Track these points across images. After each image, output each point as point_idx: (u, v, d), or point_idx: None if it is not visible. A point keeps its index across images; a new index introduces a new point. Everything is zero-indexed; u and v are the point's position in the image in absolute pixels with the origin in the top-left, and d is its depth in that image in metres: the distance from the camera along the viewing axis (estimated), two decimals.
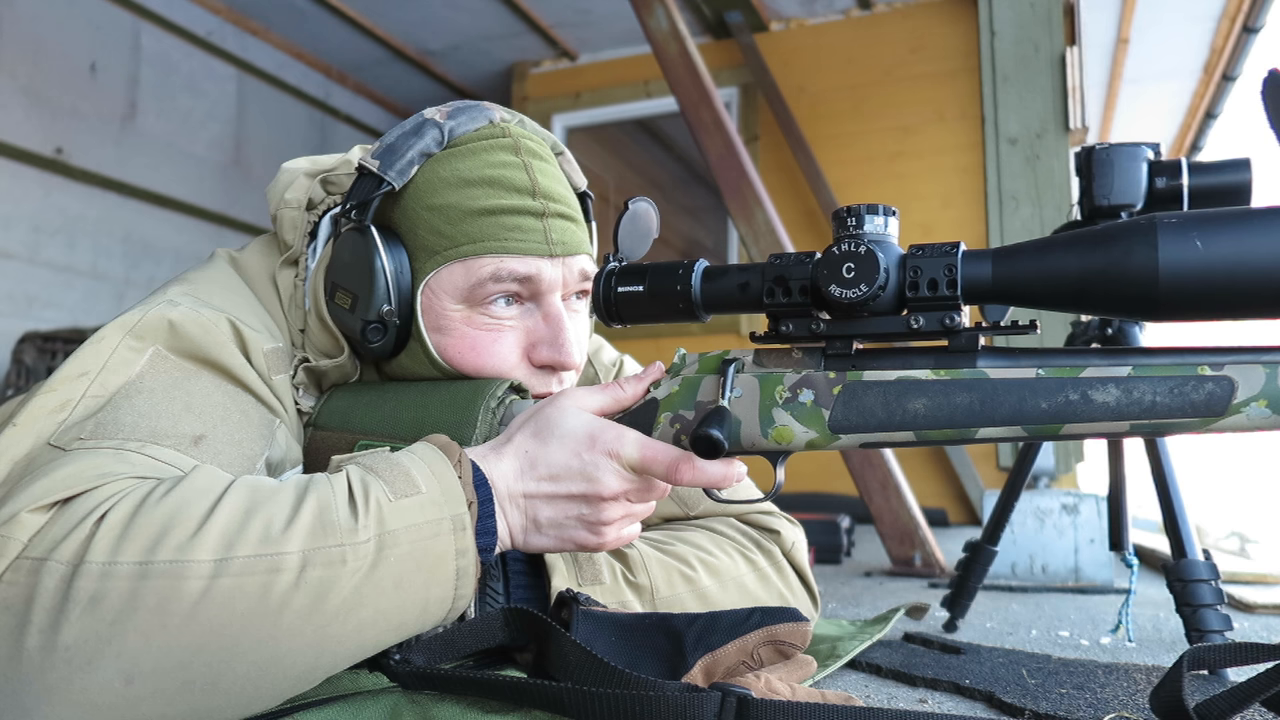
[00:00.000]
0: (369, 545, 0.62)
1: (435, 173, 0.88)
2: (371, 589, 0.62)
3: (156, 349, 0.78)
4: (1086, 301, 0.63)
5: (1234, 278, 0.58)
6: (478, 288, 0.87)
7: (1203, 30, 4.39)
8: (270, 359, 0.85)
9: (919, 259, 0.68)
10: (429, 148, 0.89)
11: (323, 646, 0.61)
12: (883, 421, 0.69)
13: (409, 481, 0.66)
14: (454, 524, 0.66)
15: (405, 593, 0.64)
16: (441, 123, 0.89)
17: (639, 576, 0.90)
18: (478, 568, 0.68)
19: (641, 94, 4.70)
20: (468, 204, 0.87)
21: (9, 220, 3.59)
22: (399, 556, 0.63)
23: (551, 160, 0.94)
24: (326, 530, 0.61)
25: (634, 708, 0.61)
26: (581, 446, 0.73)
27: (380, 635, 0.64)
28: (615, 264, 0.80)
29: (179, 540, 0.58)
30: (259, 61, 4.71)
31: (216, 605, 0.57)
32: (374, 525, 0.63)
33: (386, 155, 0.87)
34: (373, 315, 0.86)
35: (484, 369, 0.89)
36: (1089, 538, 1.92)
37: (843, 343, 0.72)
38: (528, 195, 0.88)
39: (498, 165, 0.88)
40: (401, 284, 0.88)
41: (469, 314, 0.88)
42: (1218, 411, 0.61)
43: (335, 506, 0.63)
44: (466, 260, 0.87)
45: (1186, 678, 0.67)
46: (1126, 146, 1.12)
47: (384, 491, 0.65)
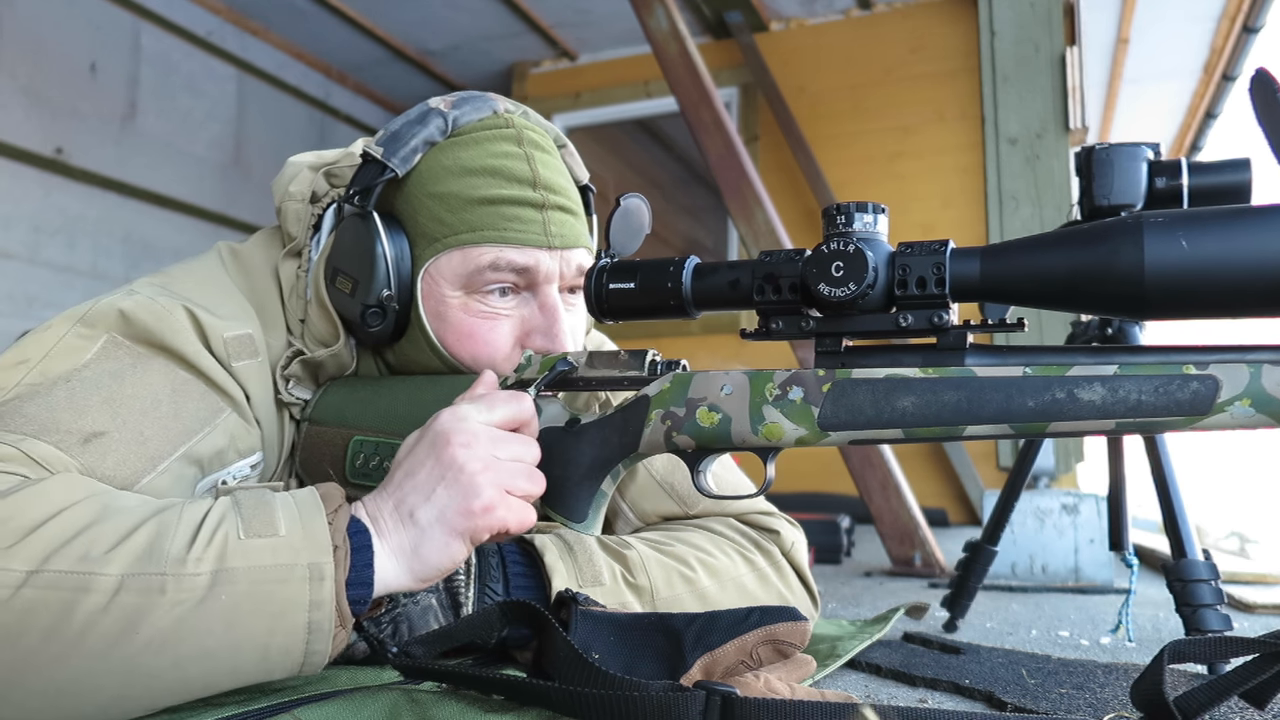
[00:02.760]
0: (198, 580, 0.59)
1: (438, 161, 0.90)
2: (196, 625, 0.59)
3: (110, 336, 0.79)
4: (1074, 300, 0.64)
5: (1220, 276, 0.58)
6: (475, 275, 0.88)
7: (1203, 30, 4.39)
8: (233, 345, 0.85)
9: (908, 257, 0.69)
10: (433, 136, 0.90)
11: (131, 677, 0.58)
12: (871, 419, 0.70)
13: (268, 522, 0.63)
14: (310, 572, 0.62)
15: (238, 635, 0.60)
16: (446, 112, 0.91)
17: (638, 577, 0.90)
18: (343, 618, 0.64)
19: (641, 94, 4.70)
20: (469, 192, 0.88)
21: (9, 220, 3.59)
22: (234, 596, 0.60)
23: (554, 152, 0.95)
24: (152, 558, 0.59)
25: (620, 707, 0.62)
26: (428, 433, 0.73)
27: (209, 677, 0.61)
28: (607, 260, 0.81)
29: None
30: (259, 61, 4.71)
31: (14, 615, 0.56)
32: (211, 560, 0.60)
33: (390, 142, 0.89)
34: (373, 300, 0.87)
35: (479, 356, 0.90)
36: (1089, 538, 1.92)
37: (832, 340, 0.73)
38: (528, 186, 0.89)
39: (500, 155, 0.89)
40: (402, 270, 0.89)
41: (466, 301, 0.89)
42: (1202, 410, 0.62)
43: (173, 536, 0.60)
44: (465, 248, 0.88)
45: (1167, 671, 0.67)
46: (1126, 146, 1.12)
47: (237, 527, 0.62)
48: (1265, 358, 0.61)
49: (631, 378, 0.83)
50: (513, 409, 0.76)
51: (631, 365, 0.83)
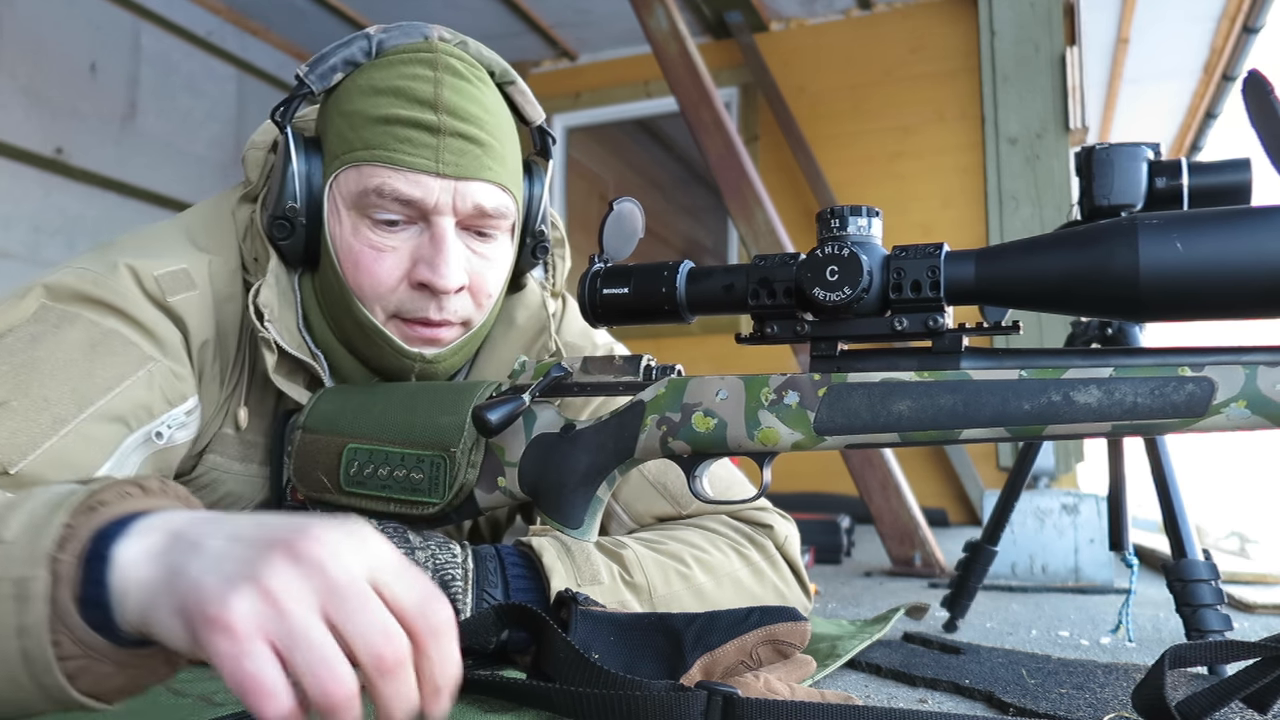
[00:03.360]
0: None
1: (354, 81, 0.92)
2: None
3: (41, 302, 0.81)
4: (1069, 302, 0.64)
5: (1214, 278, 0.58)
6: (363, 198, 0.89)
7: (1203, 30, 4.39)
8: (165, 281, 0.87)
9: (902, 260, 0.69)
10: (354, 56, 0.92)
11: None
12: (867, 423, 0.69)
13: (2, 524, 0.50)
14: (15, 589, 0.47)
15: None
16: (374, 35, 0.92)
17: (635, 575, 0.90)
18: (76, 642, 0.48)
19: (641, 94, 4.70)
20: (369, 110, 0.89)
21: (9, 220, 3.59)
22: None
23: (476, 81, 0.93)
24: None
25: (621, 707, 0.62)
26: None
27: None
28: (600, 265, 0.81)
29: None
30: (259, 61, 4.71)
31: None
32: None
33: (315, 63, 0.92)
34: (279, 211, 0.90)
35: (363, 286, 0.91)
36: (1089, 538, 1.92)
37: (827, 344, 0.73)
38: (429, 109, 0.89)
39: (408, 77, 0.90)
40: (314, 186, 0.91)
41: (357, 225, 0.90)
42: (1198, 412, 0.62)
43: None
44: (360, 166, 0.89)
45: (1168, 675, 0.67)
46: (1126, 146, 1.12)
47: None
48: (1261, 359, 0.61)
49: (626, 383, 0.83)
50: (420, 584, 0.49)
51: (626, 370, 0.83)
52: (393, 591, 0.46)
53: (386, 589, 0.46)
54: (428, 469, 0.86)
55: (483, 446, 0.87)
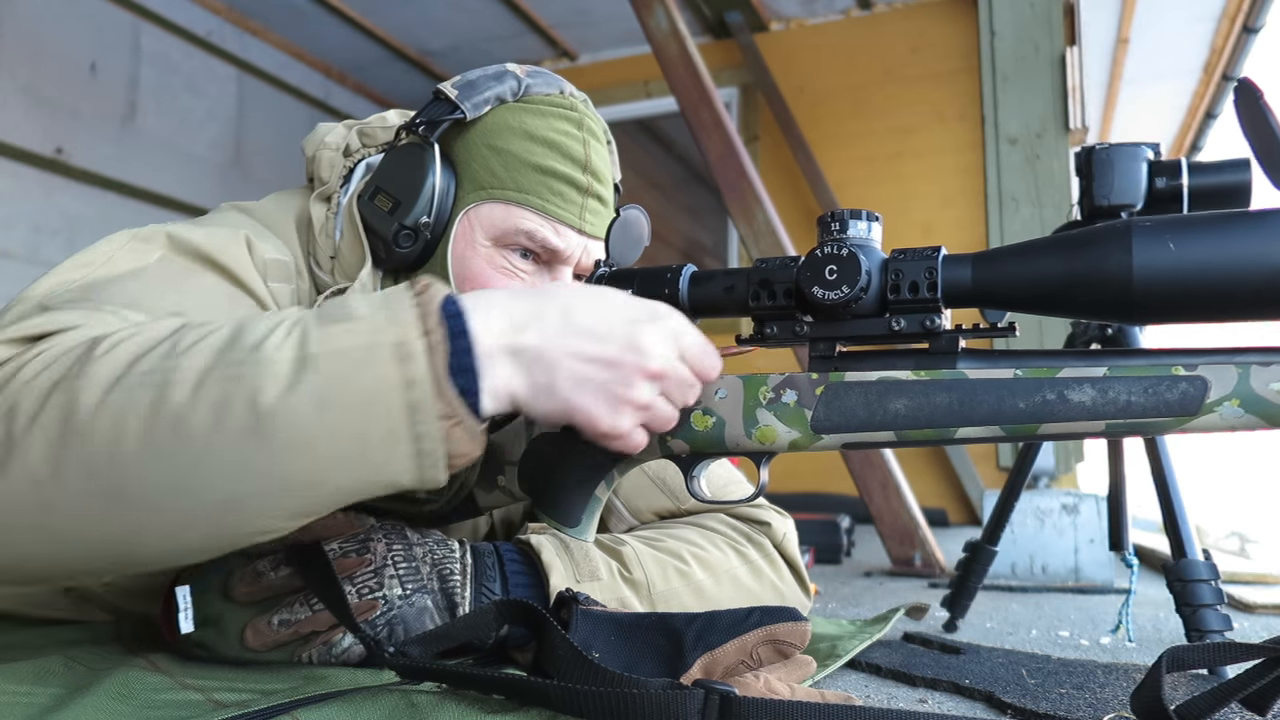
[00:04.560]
0: (278, 367, 0.57)
1: (504, 119, 0.95)
2: (285, 414, 0.56)
3: (164, 253, 0.82)
4: (1065, 304, 0.65)
5: (1207, 280, 0.59)
6: (510, 233, 0.94)
7: (1203, 30, 4.39)
8: (271, 267, 0.89)
9: (900, 262, 0.70)
10: (505, 95, 0.96)
11: (236, 472, 0.57)
12: (864, 421, 0.70)
13: (344, 309, 0.60)
14: (396, 351, 0.58)
15: (333, 422, 0.57)
16: (521, 77, 0.97)
17: (634, 572, 0.91)
18: (452, 406, 0.59)
19: (641, 94, 4.70)
20: (526, 156, 0.94)
21: (9, 220, 3.59)
22: (317, 383, 0.57)
23: (606, 145, 1.00)
24: (232, 348, 0.58)
25: (619, 705, 0.62)
26: (639, 315, 0.68)
27: (314, 470, 0.58)
28: (605, 269, 0.82)
29: (89, 358, 0.59)
30: (259, 61, 4.70)
31: (108, 419, 0.57)
32: (291, 348, 0.58)
33: (466, 89, 0.95)
34: (410, 222, 0.92)
35: None
36: (1089, 538, 1.92)
37: (826, 345, 0.73)
38: (579, 168, 0.95)
39: (561, 132, 0.95)
40: (443, 204, 0.94)
41: (492, 253, 0.95)
42: (1192, 411, 0.62)
43: (251, 330, 0.59)
44: (509, 205, 0.94)
45: (1165, 678, 0.67)
46: (1126, 146, 1.12)
47: (315, 318, 0.60)
48: (1254, 359, 0.61)
49: None
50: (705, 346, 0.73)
51: None
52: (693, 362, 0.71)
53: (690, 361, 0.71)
54: None
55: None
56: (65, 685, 0.72)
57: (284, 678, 0.75)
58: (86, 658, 0.82)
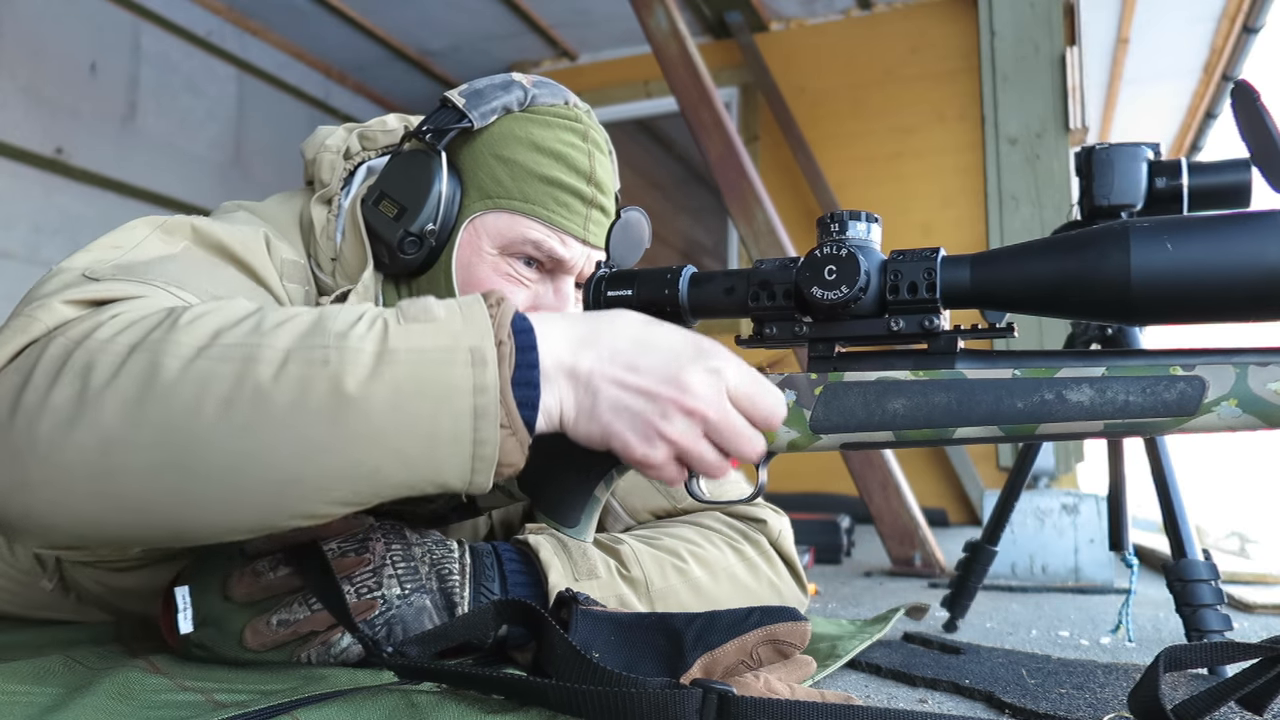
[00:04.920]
0: (361, 355, 0.59)
1: (511, 129, 0.96)
2: (362, 401, 0.58)
3: (188, 244, 0.82)
4: (1063, 305, 0.65)
5: (1205, 282, 0.59)
6: (516, 242, 0.95)
7: (1203, 30, 4.39)
8: (287, 267, 0.90)
9: (899, 263, 0.70)
10: (511, 105, 0.97)
11: (305, 452, 0.58)
12: (863, 421, 0.70)
13: (425, 310, 0.62)
14: (472, 355, 0.60)
15: (404, 416, 0.59)
16: (527, 88, 0.98)
17: (632, 570, 0.91)
18: (510, 417, 0.61)
19: (641, 94, 4.70)
20: (533, 167, 0.95)
21: (9, 220, 3.59)
22: (396, 377, 0.59)
23: (609, 156, 1.01)
24: (316, 333, 0.59)
25: (617, 704, 0.62)
26: (685, 351, 0.68)
27: (378, 459, 0.59)
28: (605, 270, 0.82)
29: (171, 326, 0.60)
30: (259, 61, 4.70)
31: (190, 386, 0.57)
32: (374, 340, 0.59)
33: (474, 98, 0.96)
34: (415, 228, 0.93)
35: None
36: (1089, 538, 1.92)
37: (825, 345, 0.74)
38: (584, 180, 0.96)
39: (567, 144, 0.96)
40: (448, 212, 0.95)
41: (498, 261, 0.96)
42: (1189, 410, 0.62)
43: (336, 318, 0.61)
44: (515, 215, 0.95)
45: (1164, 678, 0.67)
46: (1126, 146, 1.12)
47: (396, 315, 0.62)
48: (1251, 359, 0.62)
49: None
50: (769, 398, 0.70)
51: None
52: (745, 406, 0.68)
53: (742, 403, 0.68)
54: None
55: None
56: (65, 685, 0.72)
57: (283, 678, 0.75)
58: (86, 658, 0.82)
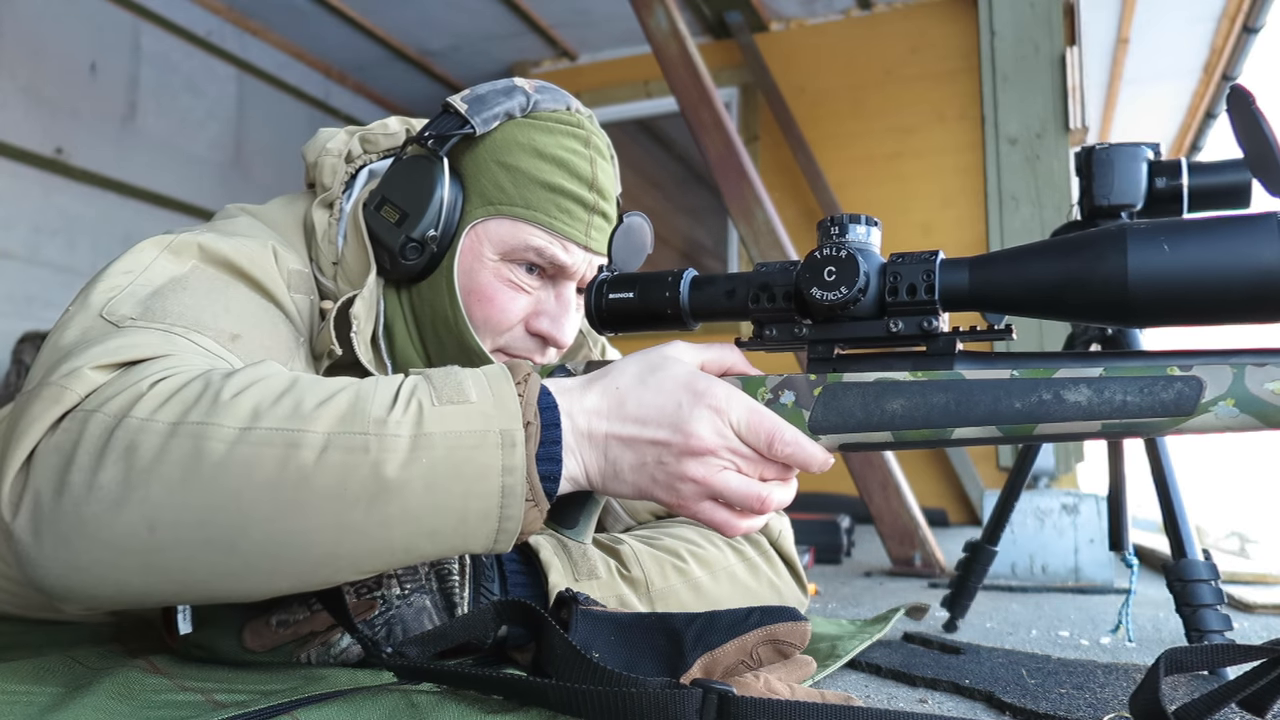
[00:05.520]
0: (399, 441, 0.61)
1: (513, 135, 0.95)
2: (400, 485, 0.60)
3: (195, 263, 0.82)
4: (1061, 307, 0.65)
5: (1202, 284, 0.59)
6: (519, 249, 0.94)
7: (1203, 30, 4.39)
8: (294, 278, 0.90)
9: (899, 265, 0.70)
10: (514, 110, 0.96)
11: (343, 533, 0.60)
12: (861, 422, 0.70)
13: (459, 390, 0.64)
14: (502, 439, 0.63)
15: (438, 498, 0.61)
16: (530, 93, 0.97)
17: (633, 570, 0.91)
18: (534, 491, 0.64)
19: (641, 94, 4.70)
20: (535, 173, 0.94)
21: (9, 220, 3.59)
22: (432, 460, 0.61)
23: (610, 161, 1.00)
24: (355, 418, 0.61)
25: (617, 704, 0.62)
26: (682, 394, 0.69)
27: (410, 538, 0.62)
28: (607, 273, 0.82)
29: (212, 404, 0.60)
30: (259, 61, 4.71)
31: (235, 470, 0.59)
32: (409, 425, 0.61)
33: (476, 104, 0.95)
34: (417, 234, 0.92)
35: (490, 318, 0.95)
36: (1089, 538, 1.92)
37: (824, 347, 0.74)
38: (586, 186, 0.95)
39: (569, 150, 0.95)
40: (450, 218, 0.94)
41: (500, 267, 0.95)
42: (1187, 410, 0.62)
43: (373, 400, 0.62)
44: (517, 221, 0.94)
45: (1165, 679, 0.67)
46: (1126, 146, 1.12)
47: (430, 396, 0.63)
48: (1248, 360, 0.62)
49: None
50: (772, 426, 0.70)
51: None
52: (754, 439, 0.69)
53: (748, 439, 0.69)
54: None
55: None
56: (65, 685, 0.72)
57: (283, 678, 0.75)
58: (86, 658, 0.82)
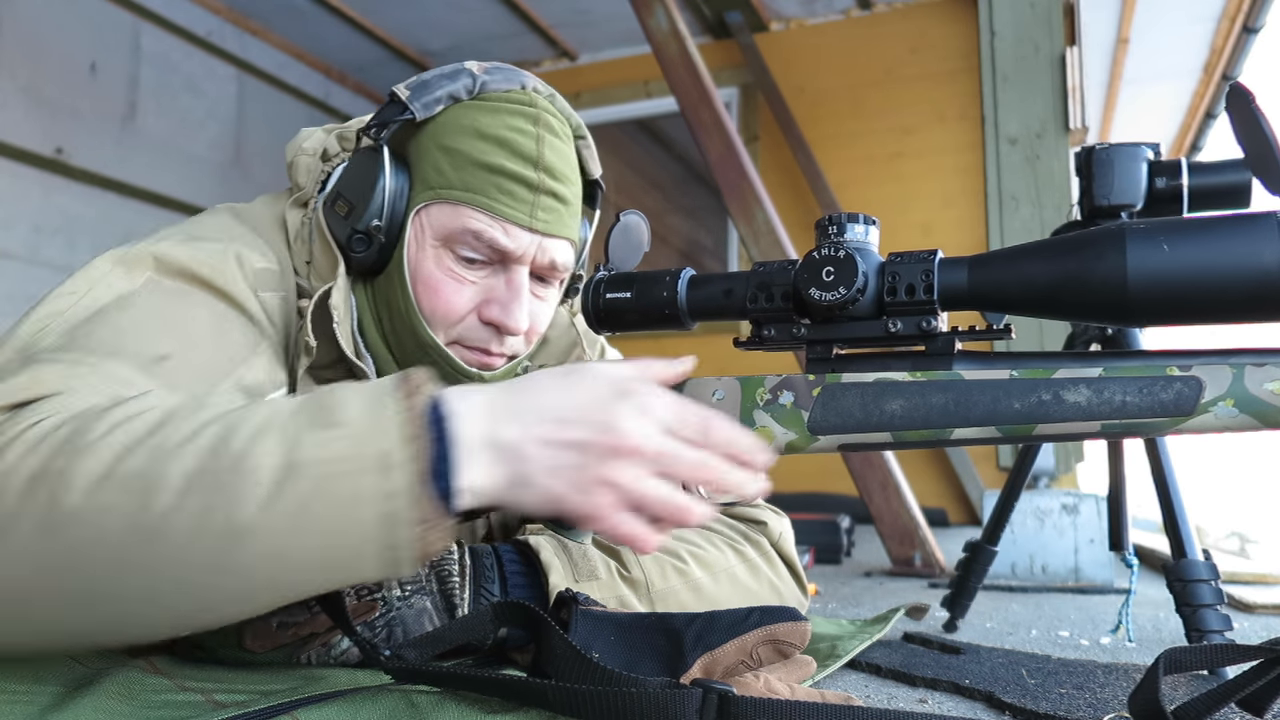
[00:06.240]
0: (263, 474, 0.56)
1: (456, 118, 0.93)
2: (265, 523, 0.56)
3: (148, 275, 0.81)
4: (1060, 307, 0.65)
5: (1201, 283, 0.59)
6: (457, 234, 0.91)
7: (1203, 30, 4.39)
8: (260, 276, 0.88)
9: (897, 265, 0.70)
10: (458, 92, 0.93)
11: (219, 576, 0.57)
12: (860, 422, 0.70)
13: (335, 411, 0.59)
14: (378, 462, 0.57)
15: (311, 532, 0.57)
16: (477, 75, 0.94)
17: (633, 571, 0.91)
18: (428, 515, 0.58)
19: (641, 94, 4.70)
20: (474, 155, 0.91)
21: (9, 220, 3.59)
22: (300, 492, 0.56)
23: (566, 140, 0.97)
24: (218, 454, 0.57)
25: (617, 704, 0.62)
26: (606, 392, 0.64)
27: (294, 575, 0.58)
28: (604, 273, 0.82)
29: (76, 450, 0.57)
30: (259, 61, 4.71)
31: (88, 521, 0.56)
32: (277, 454, 0.57)
33: (418, 89, 0.93)
34: (362, 226, 0.91)
35: (437, 310, 0.93)
36: (1089, 538, 1.92)
37: (823, 347, 0.74)
38: (530, 165, 0.92)
39: (513, 129, 0.92)
40: (397, 207, 0.92)
41: (441, 254, 0.93)
42: (1186, 411, 0.62)
43: (239, 433, 0.58)
44: (457, 205, 0.91)
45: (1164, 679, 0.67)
46: (1126, 146, 1.12)
47: (306, 419, 0.59)
48: (1248, 360, 0.62)
49: None
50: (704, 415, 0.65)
51: None
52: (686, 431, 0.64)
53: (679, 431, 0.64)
54: None
55: None
56: (65, 685, 0.72)
57: (283, 678, 0.75)
58: (86, 658, 0.82)
